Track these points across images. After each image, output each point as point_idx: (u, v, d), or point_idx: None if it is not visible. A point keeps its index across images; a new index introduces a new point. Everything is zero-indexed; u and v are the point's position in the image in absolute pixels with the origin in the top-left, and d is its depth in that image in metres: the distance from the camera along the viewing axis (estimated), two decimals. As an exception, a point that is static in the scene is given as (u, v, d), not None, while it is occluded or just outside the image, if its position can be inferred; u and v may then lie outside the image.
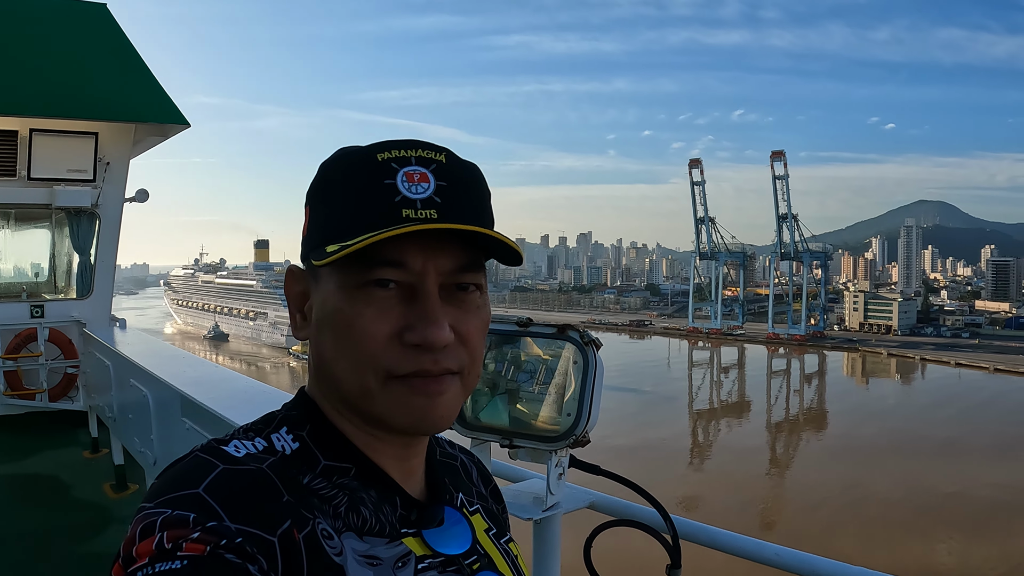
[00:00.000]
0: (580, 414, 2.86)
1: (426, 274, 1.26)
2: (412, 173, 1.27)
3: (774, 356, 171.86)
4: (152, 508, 1.11)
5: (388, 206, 1.25)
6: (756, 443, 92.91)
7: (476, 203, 1.34)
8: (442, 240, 1.26)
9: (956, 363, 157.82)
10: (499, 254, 1.32)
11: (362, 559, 1.24)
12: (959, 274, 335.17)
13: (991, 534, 59.01)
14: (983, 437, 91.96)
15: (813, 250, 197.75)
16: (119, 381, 8.50)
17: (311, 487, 1.25)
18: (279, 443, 1.30)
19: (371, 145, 1.33)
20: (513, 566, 1.50)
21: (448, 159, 1.33)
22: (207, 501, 1.11)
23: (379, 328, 1.25)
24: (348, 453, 1.33)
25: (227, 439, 1.29)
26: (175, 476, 1.18)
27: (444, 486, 1.48)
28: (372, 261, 1.24)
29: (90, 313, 11.51)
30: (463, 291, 1.31)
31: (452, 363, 1.28)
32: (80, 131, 10.90)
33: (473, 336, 1.32)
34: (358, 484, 1.31)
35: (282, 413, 1.38)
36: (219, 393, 5.72)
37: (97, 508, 8.86)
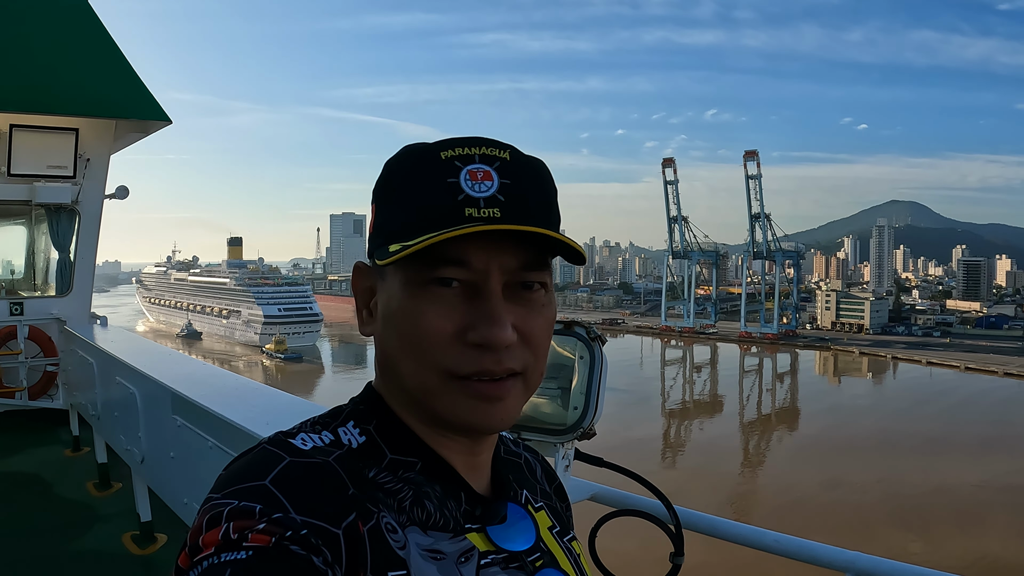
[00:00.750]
0: (587, 407, 2.94)
1: (489, 273, 1.25)
2: (476, 171, 1.27)
3: (746, 355, 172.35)
4: (219, 499, 1.12)
5: (451, 205, 1.24)
6: (729, 441, 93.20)
7: (540, 201, 1.32)
8: (505, 239, 1.25)
9: (927, 362, 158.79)
10: (564, 252, 1.31)
11: (426, 553, 1.24)
12: (930, 274, 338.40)
13: (963, 531, 59.47)
14: (960, 435, 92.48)
15: (786, 249, 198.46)
16: (104, 378, 8.44)
17: (376, 481, 1.25)
18: (346, 437, 1.30)
19: (436, 143, 1.32)
20: (575, 564, 1.49)
21: (512, 156, 1.32)
22: (273, 493, 1.11)
23: (442, 327, 1.24)
24: (414, 447, 1.33)
25: (294, 432, 1.28)
26: (242, 468, 1.18)
27: (508, 483, 1.47)
28: (435, 260, 1.23)
29: (70, 310, 11.43)
30: (527, 289, 1.29)
31: (515, 363, 1.27)
32: (60, 127, 10.83)
33: (537, 335, 1.30)
34: (423, 479, 1.30)
35: (349, 407, 1.38)
36: (210, 390, 5.71)
37: (81, 506, 8.77)
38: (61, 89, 10.19)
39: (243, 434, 4.43)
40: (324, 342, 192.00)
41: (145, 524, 7.71)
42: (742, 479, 77.57)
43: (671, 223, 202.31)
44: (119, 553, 7.48)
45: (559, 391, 3.02)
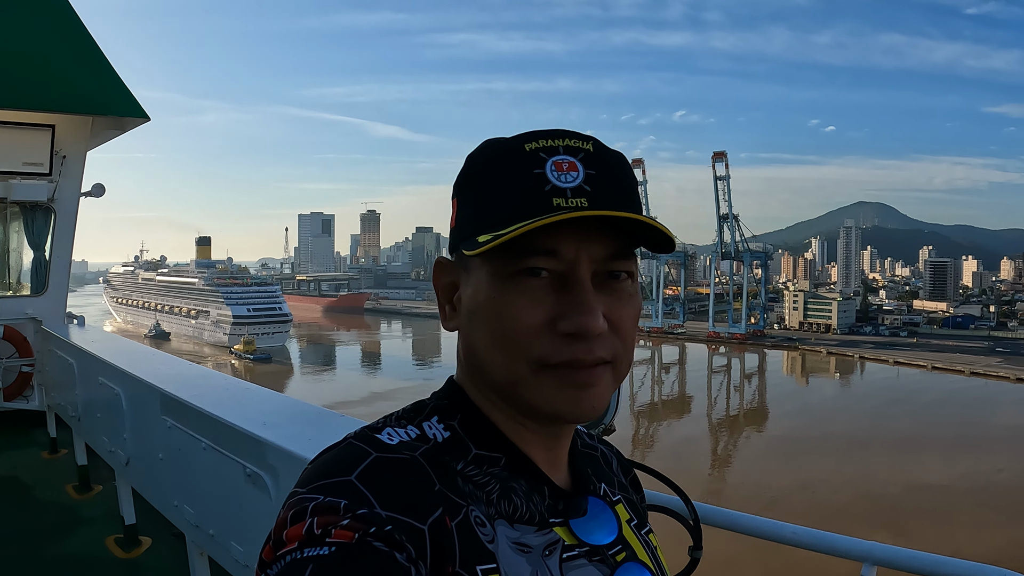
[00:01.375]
0: (608, 403, 2.85)
1: (579, 262, 1.25)
2: (561, 162, 1.27)
3: (715, 354, 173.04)
4: (304, 493, 1.12)
5: (539, 195, 1.24)
6: (699, 442, 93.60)
7: (625, 191, 1.32)
8: (593, 228, 1.25)
9: (895, 361, 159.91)
10: (648, 241, 1.30)
11: (514, 546, 1.24)
12: (897, 274, 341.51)
13: (926, 528, 59.91)
14: (931, 434, 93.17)
15: (754, 250, 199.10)
16: (85, 379, 8.29)
17: (465, 473, 1.26)
18: (431, 431, 1.30)
19: (517, 136, 1.33)
20: (653, 557, 1.49)
21: (595, 148, 1.32)
22: (359, 488, 1.12)
23: (532, 317, 1.23)
24: (498, 443, 1.33)
25: (379, 426, 1.30)
26: (328, 462, 1.20)
27: (588, 476, 1.48)
28: (525, 250, 1.23)
29: (45, 310, 11.23)
30: (615, 279, 1.30)
31: (605, 352, 1.26)
32: (37, 123, 10.63)
33: (626, 325, 1.30)
34: (507, 474, 1.31)
35: (432, 402, 1.38)
36: (201, 391, 5.61)
37: (61, 510, 8.61)
38: (37, 84, 9.98)
39: (240, 435, 4.36)
40: (292, 342, 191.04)
41: (129, 527, 7.57)
42: (711, 480, 77.82)
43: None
44: (103, 556, 7.34)
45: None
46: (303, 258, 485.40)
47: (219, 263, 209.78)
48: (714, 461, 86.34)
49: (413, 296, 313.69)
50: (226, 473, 4.50)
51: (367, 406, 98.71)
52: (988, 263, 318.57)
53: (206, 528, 4.96)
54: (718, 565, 47.06)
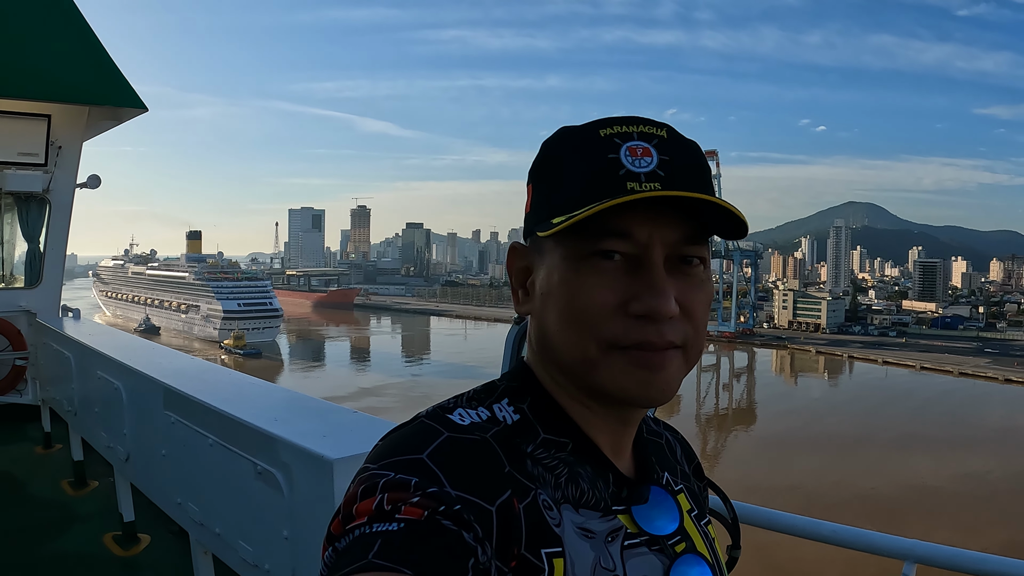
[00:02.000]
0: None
1: (652, 245, 1.25)
2: (635, 148, 1.28)
3: (704, 353, 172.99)
4: (376, 469, 1.13)
5: (613, 179, 1.25)
6: (686, 436, 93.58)
7: (698, 176, 1.32)
8: (666, 212, 1.26)
9: (883, 361, 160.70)
10: (720, 229, 1.31)
11: (579, 531, 1.24)
12: (887, 274, 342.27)
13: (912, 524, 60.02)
14: (926, 432, 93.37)
15: (744, 249, 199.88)
16: (82, 373, 8.12)
17: (535, 456, 1.26)
18: (501, 414, 1.31)
19: (592, 122, 1.34)
20: (711, 549, 1.49)
21: (669, 135, 1.33)
22: (430, 467, 1.12)
23: (605, 298, 1.24)
24: (566, 428, 1.33)
25: (451, 407, 1.30)
26: (400, 440, 1.20)
27: (652, 465, 1.48)
28: (598, 232, 1.24)
29: (39, 303, 11.07)
30: (687, 264, 1.30)
31: (676, 336, 1.26)
32: (32, 113, 10.48)
33: (698, 310, 1.30)
34: (574, 459, 1.31)
35: (503, 384, 1.38)
36: (206, 385, 5.45)
37: (56, 506, 8.45)
38: (33, 73, 9.81)
39: (250, 431, 4.22)
40: (282, 338, 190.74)
41: (128, 524, 7.42)
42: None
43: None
44: (101, 554, 7.19)
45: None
46: (293, 253, 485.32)
47: (209, 257, 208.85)
48: (702, 459, 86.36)
49: (403, 292, 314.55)
50: (234, 470, 4.37)
51: (355, 401, 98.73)
52: (977, 264, 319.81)
53: (211, 526, 4.82)
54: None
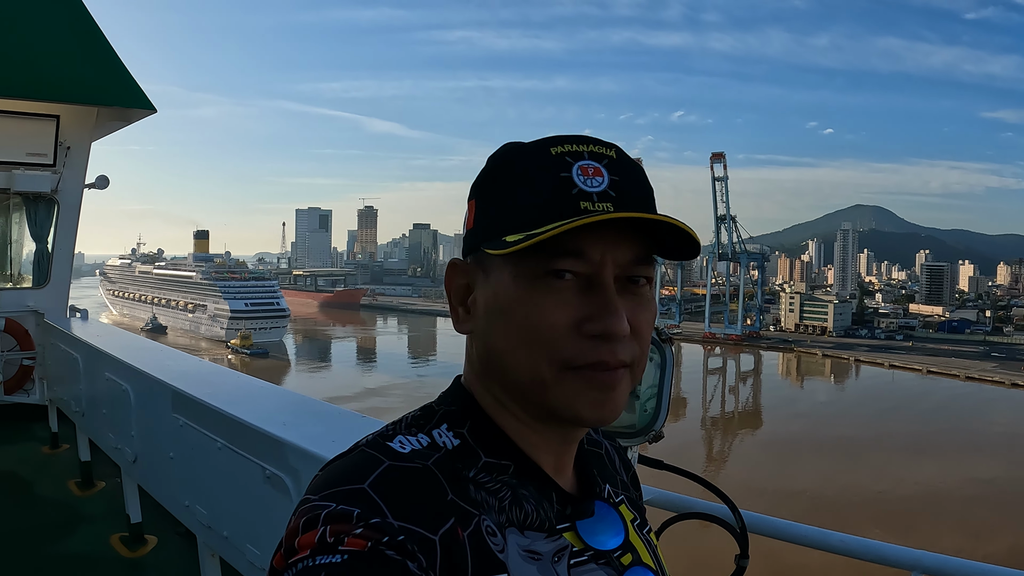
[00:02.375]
0: (659, 409, 2.94)
1: (604, 265, 1.26)
2: (587, 167, 1.28)
3: (710, 355, 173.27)
4: (317, 501, 1.12)
5: (566, 198, 1.25)
6: (693, 442, 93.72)
7: (645, 197, 1.34)
8: (620, 233, 1.26)
9: (890, 364, 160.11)
10: (671, 250, 1.32)
11: (524, 554, 1.24)
12: (894, 278, 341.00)
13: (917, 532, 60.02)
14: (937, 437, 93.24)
15: (750, 251, 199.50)
16: (90, 374, 8.14)
17: (477, 480, 1.26)
18: (440, 439, 1.30)
19: (541, 140, 1.33)
20: (655, 558, 1.50)
21: (618, 155, 1.33)
22: (372, 497, 1.12)
23: (558, 318, 1.24)
24: (507, 450, 1.33)
25: (391, 434, 1.29)
26: (341, 470, 1.20)
27: (594, 478, 1.48)
28: (552, 252, 1.23)
29: (47, 303, 11.09)
30: (635, 284, 1.31)
31: (627, 355, 1.27)
32: (41, 113, 10.49)
33: (644, 329, 1.31)
34: (516, 481, 1.31)
35: (442, 408, 1.37)
36: (214, 388, 5.49)
37: (63, 506, 8.46)
38: (42, 74, 9.83)
39: (259, 435, 4.24)
40: (289, 338, 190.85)
41: (135, 525, 7.42)
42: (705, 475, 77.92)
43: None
44: (108, 555, 7.20)
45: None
46: (300, 253, 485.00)
47: (217, 257, 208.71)
48: (708, 462, 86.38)
49: (409, 292, 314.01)
50: (243, 474, 4.39)
51: (360, 402, 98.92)
52: (984, 268, 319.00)
53: (219, 529, 4.84)
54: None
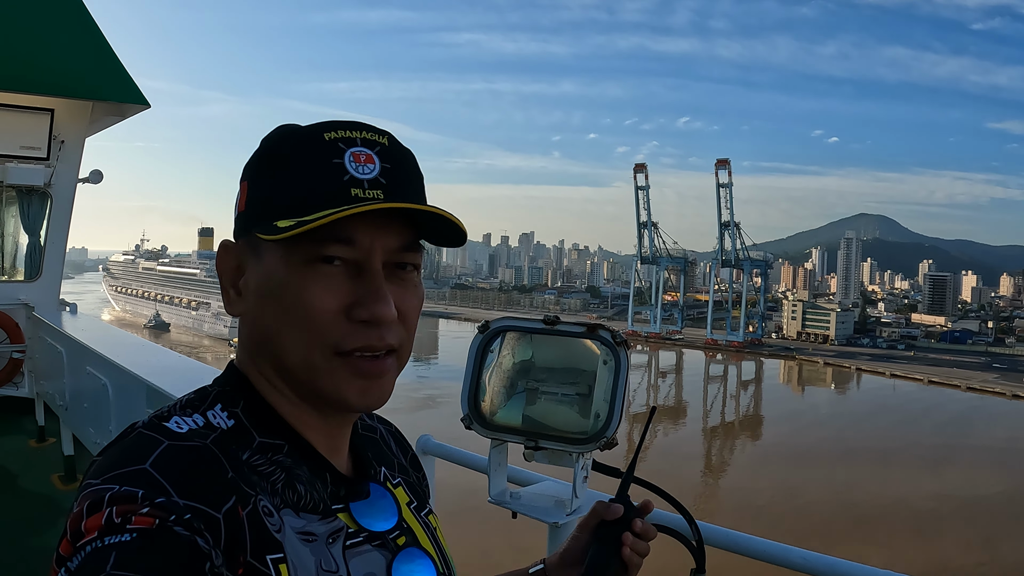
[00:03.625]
0: (612, 415, 2.78)
1: (373, 252, 1.28)
2: (359, 154, 1.29)
3: (712, 362, 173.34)
4: (99, 484, 1.10)
5: (337, 185, 1.26)
6: (692, 447, 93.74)
7: (417, 186, 1.37)
8: (389, 220, 1.29)
9: (891, 374, 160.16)
10: (437, 236, 1.36)
11: (299, 535, 1.26)
12: (897, 287, 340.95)
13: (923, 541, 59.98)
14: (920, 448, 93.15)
15: (754, 258, 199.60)
16: (73, 368, 8.13)
17: (251, 463, 1.26)
18: (215, 420, 1.30)
19: (315, 124, 1.34)
20: (433, 539, 1.53)
21: (390, 142, 1.35)
22: (155, 476, 1.10)
23: (327, 303, 1.26)
24: (281, 430, 1.34)
25: (166, 415, 1.28)
26: (120, 452, 1.17)
27: (368, 461, 1.51)
28: (323, 238, 1.25)
29: (38, 296, 11.10)
30: (402, 270, 1.34)
31: (394, 339, 1.31)
32: (36, 107, 10.49)
33: (411, 314, 1.35)
34: (291, 461, 1.32)
35: (215, 389, 1.38)
36: (188, 385, 5.40)
37: (45, 500, 8.47)
38: (38, 68, 9.83)
39: None
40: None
41: None
42: (703, 487, 78.00)
43: (641, 228, 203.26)
44: None
45: (577, 397, 2.83)
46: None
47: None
48: (707, 469, 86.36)
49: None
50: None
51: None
52: (987, 279, 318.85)
53: None
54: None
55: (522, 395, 2.88)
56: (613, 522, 1.80)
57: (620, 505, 1.83)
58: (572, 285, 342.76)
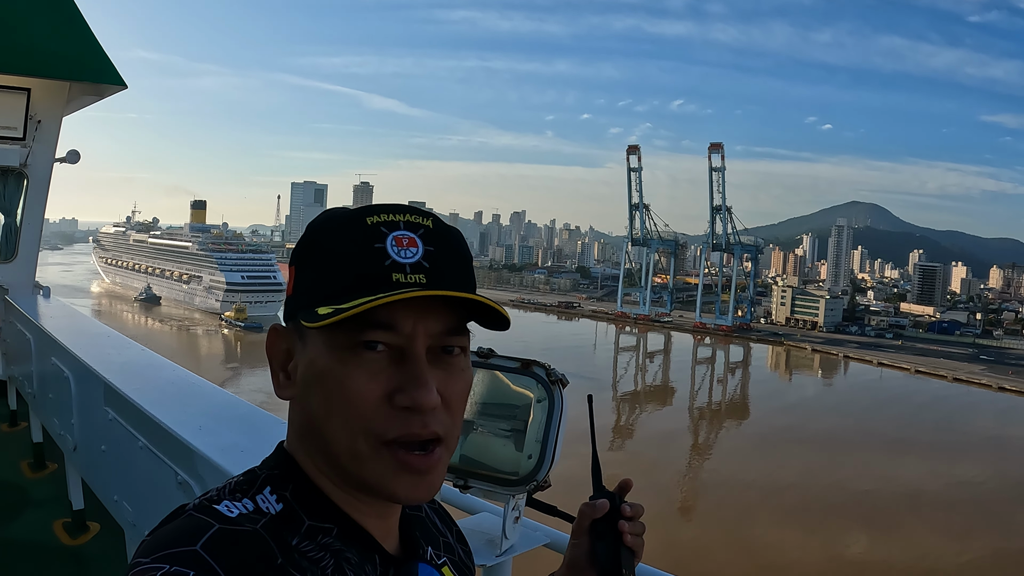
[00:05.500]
0: (543, 457, 2.74)
1: (415, 337, 1.28)
2: (401, 238, 1.30)
3: (700, 345, 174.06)
4: (149, 563, 1.11)
5: (379, 270, 1.27)
6: (679, 428, 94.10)
7: (462, 268, 1.37)
8: (431, 304, 1.29)
9: (878, 362, 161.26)
10: (483, 318, 1.35)
11: None
12: (887, 276, 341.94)
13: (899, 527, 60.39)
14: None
15: (745, 243, 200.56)
16: (40, 357, 8.04)
17: (300, 548, 1.26)
18: (264, 504, 1.30)
19: (360, 208, 1.36)
20: None
21: (434, 224, 1.36)
22: (205, 559, 1.11)
23: (370, 390, 1.26)
24: (330, 513, 1.34)
25: (217, 498, 1.29)
26: (171, 533, 1.19)
27: (417, 541, 1.51)
28: (364, 324, 1.25)
29: (13, 278, 10.96)
30: (448, 354, 1.33)
31: (438, 427, 1.30)
32: (11, 86, 10.35)
33: (456, 400, 1.34)
34: (340, 544, 1.32)
35: (264, 472, 1.38)
36: (145, 384, 5.41)
37: (13, 488, 8.40)
38: (14, 47, 9.69)
39: (173, 439, 4.18)
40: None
41: (77, 512, 7.38)
42: (689, 469, 78.33)
43: (632, 210, 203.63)
44: (49, 542, 7.17)
45: (512, 433, 2.76)
46: (294, 226, 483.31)
47: (214, 228, 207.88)
48: (694, 452, 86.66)
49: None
50: (160, 476, 4.32)
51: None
52: (977, 271, 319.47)
53: (142, 528, 4.77)
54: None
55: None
56: (604, 516, 1.79)
57: (604, 500, 1.82)
58: (562, 265, 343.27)
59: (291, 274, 1.40)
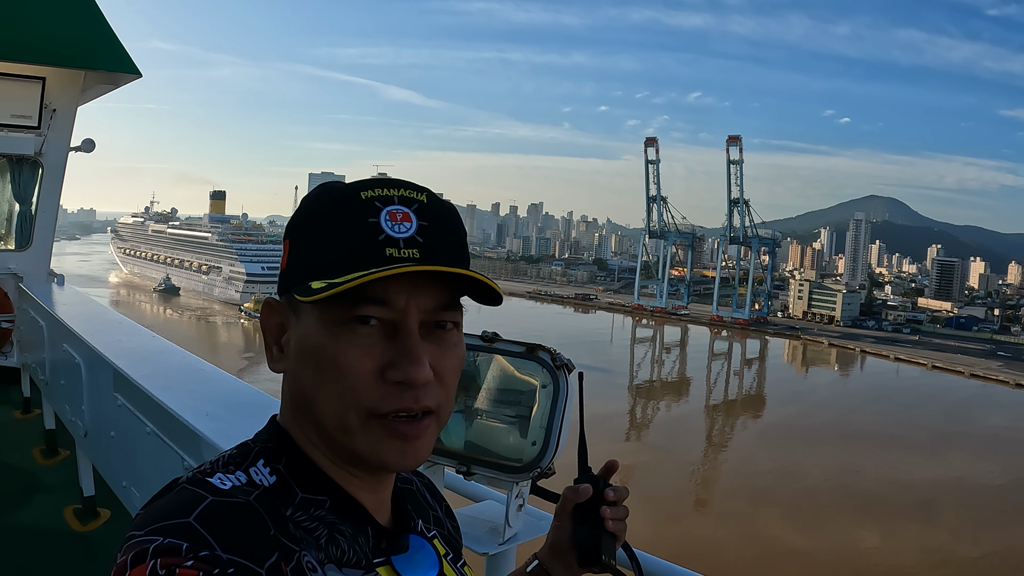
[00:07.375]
0: (547, 444, 2.68)
1: (408, 312, 1.28)
2: (395, 212, 1.30)
3: (716, 338, 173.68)
4: (143, 536, 1.12)
5: (372, 244, 1.27)
6: (694, 422, 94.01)
7: (455, 243, 1.37)
8: (424, 279, 1.29)
9: (895, 357, 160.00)
10: (476, 293, 1.35)
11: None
12: (904, 270, 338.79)
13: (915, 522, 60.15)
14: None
15: (762, 236, 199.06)
16: (52, 344, 8.08)
17: (294, 519, 1.27)
18: (257, 477, 1.31)
19: (354, 183, 1.36)
20: None
21: (429, 199, 1.36)
22: (199, 531, 1.12)
23: (363, 364, 1.27)
24: (324, 485, 1.35)
25: (211, 471, 1.30)
26: (164, 506, 1.19)
27: (408, 513, 1.52)
28: (356, 298, 1.25)
29: (28, 266, 11.04)
30: (441, 329, 1.34)
31: (431, 401, 1.30)
32: (26, 75, 10.37)
33: (449, 374, 1.35)
34: (334, 516, 1.33)
35: (257, 446, 1.38)
36: (154, 370, 5.43)
37: (26, 474, 8.46)
38: (29, 36, 9.71)
39: (180, 425, 4.17)
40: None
41: (88, 499, 7.43)
42: (704, 462, 78.21)
43: (650, 202, 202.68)
44: (60, 528, 7.22)
45: (517, 419, 2.73)
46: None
47: (233, 218, 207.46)
48: (708, 444, 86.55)
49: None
50: (168, 462, 4.33)
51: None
52: (995, 266, 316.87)
53: None
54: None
55: (460, 415, 2.81)
56: (587, 501, 1.80)
57: (587, 485, 1.82)
58: (579, 257, 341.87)
59: (285, 248, 1.40)
